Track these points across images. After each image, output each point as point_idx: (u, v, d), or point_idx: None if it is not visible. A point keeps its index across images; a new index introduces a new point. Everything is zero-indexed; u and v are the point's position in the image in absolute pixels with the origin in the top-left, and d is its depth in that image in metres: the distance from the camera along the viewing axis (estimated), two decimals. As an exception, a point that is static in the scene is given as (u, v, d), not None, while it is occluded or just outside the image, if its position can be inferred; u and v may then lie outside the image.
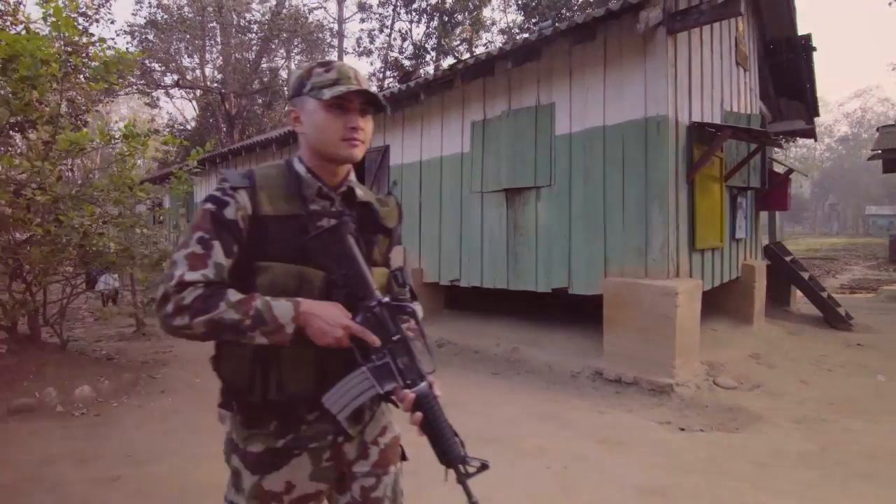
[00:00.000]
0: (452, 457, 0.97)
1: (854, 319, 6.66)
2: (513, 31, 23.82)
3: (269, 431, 1.01)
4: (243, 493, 1.03)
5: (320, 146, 1.03)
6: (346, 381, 0.97)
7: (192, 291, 0.91)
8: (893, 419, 3.33)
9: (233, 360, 1.01)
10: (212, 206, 0.98)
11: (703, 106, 4.79)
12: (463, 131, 5.66)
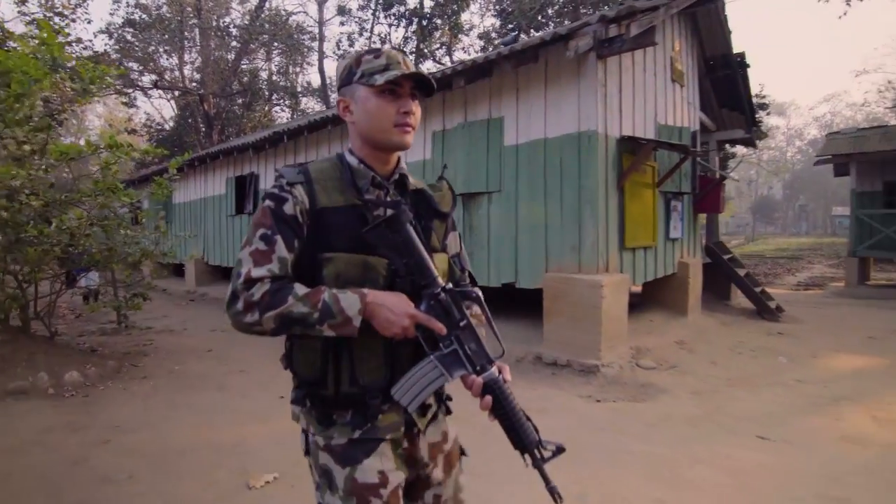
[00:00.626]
0: (528, 442, 0.97)
1: (785, 312, 7.37)
2: (491, 36, 24.47)
3: (345, 423, 1.02)
4: (338, 491, 1.00)
5: (373, 133, 1.03)
6: (415, 372, 0.98)
7: (260, 287, 0.93)
8: (775, 391, 3.95)
9: (305, 354, 1.02)
10: (271, 203, 1.00)
11: (636, 120, 5.40)
12: (425, 140, 6.18)
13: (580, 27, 4.32)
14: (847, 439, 3.01)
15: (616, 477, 2.55)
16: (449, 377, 0.98)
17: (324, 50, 24.87)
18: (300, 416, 1.08)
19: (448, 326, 0.97)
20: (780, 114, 51.48)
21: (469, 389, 0.99)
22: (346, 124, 1.08)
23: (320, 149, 7.67)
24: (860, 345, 5.52)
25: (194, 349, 5.48)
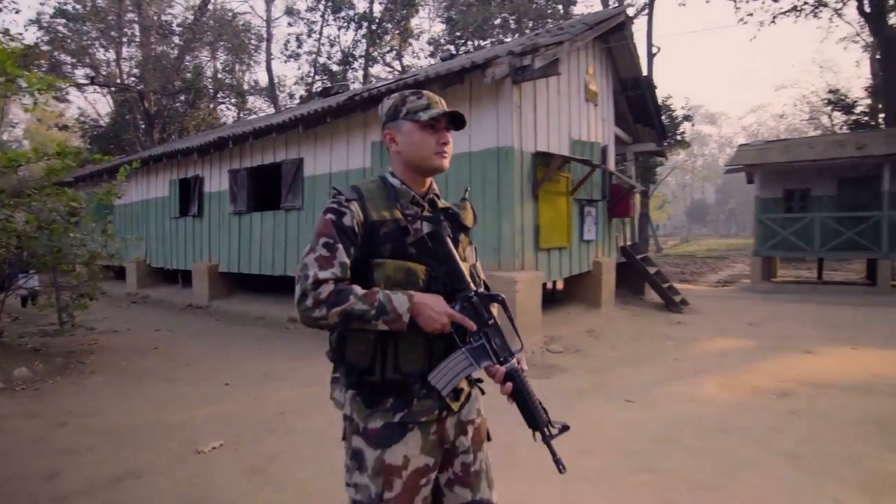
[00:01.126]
0: (539, 421, 1.16)
1: (689, 305, 8.41)
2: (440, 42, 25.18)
3: (387, 408, 1.18)
4: (366, 471, 1.16)
5: (416, 160, 1.24)
6: (448, 361, 1.16)
7: (326, 287, 1.09)
8: (654, 367, 4.77)
9: (357, 345, 1.18)
10: (332, 217, 1.17)
11: (550, 136, 6.16)
12: (365, 149, 6.71)
13: (494, 58, 4.99)
14: (693, 400, 3.81)
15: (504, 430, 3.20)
16: (477, 366, 1.15)
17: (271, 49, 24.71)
18: (345, 403, 1.24)
19: (478, 324, 1.15)
20: (712, 123, 55.30)
21: (493, 378, 1.16)
22: (290, 131, 1.59)
23: (265, 154, 8.02)
24: (738, 330, 6.53)
25: (140, 347, 5.75)
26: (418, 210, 1.25)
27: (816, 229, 11.59)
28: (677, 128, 18.96)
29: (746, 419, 3.38)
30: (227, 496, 2.44)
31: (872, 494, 2.38)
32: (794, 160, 12.06)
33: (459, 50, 24.30)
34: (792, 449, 2.89)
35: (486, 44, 22.09)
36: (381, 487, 1.15)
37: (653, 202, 40.60)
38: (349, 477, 1.20)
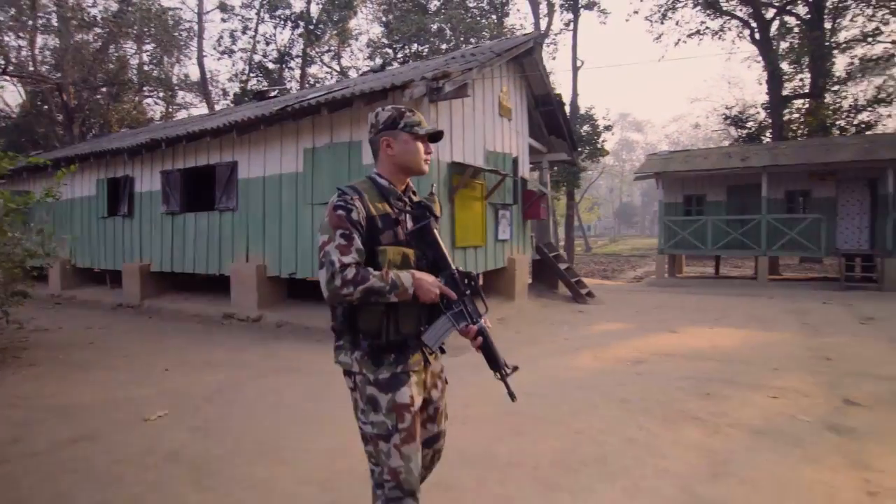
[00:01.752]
0: (498, 365, 1.55)
1: (595, 297, 9.58)
2: (379, 44, 25.65)
3: (391, 362, 1.52)
4: (381, 411, 1.50)
5: (409, 163, 1.56)
6: (436, 324, 1.53)
7: (351, 270, 1.39)
8: (547, 346, 5.70)
9: (368, 316, 1.50)
10: (343, 212, 1.46)
11: (465, 148, 7.01)
12: (298, 155, 7.25)
13: (411, 81, 5.74)
14: (568, 368, 4.75)
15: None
16: (457, 327, 1.52)
17: (204, 45, 24.16)
18: (353, 362, 1.54)
19: (457, 294, 1.52)
20: (638, 130, 59.25)
21: (467, 335, 1.52)
22: (225, 135, 2.08)
23: (199, 156, 8.34)
24: (627, 316, 7.69)
25: (74, 343, 6.00)
26: (403, 204, 1.57)
27: (709, 230, 13.29)
28: (599, 136, 20.62)
29: (602, 379, 4.34)
30: (173, 447, 3.02)
31: (669, 423, 3.34)
32: (691, 169, 13.75)
33: (398, 54, 24.94)
34: (626, 397, 3.84)
35: (423, 49, 22.89)
36: (395, 420, 1.50)
37: (583, 204, 43.11)
38: (365, 417, 1.53)
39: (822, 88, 18.72)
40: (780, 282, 13.24)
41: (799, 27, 20.33)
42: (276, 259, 7.51)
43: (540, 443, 3.02)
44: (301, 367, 4.93)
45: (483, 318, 1.57)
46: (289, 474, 2.65)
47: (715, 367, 4.69)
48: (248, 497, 2.43)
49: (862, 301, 8.90)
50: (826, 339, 5.81)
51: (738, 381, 4.19)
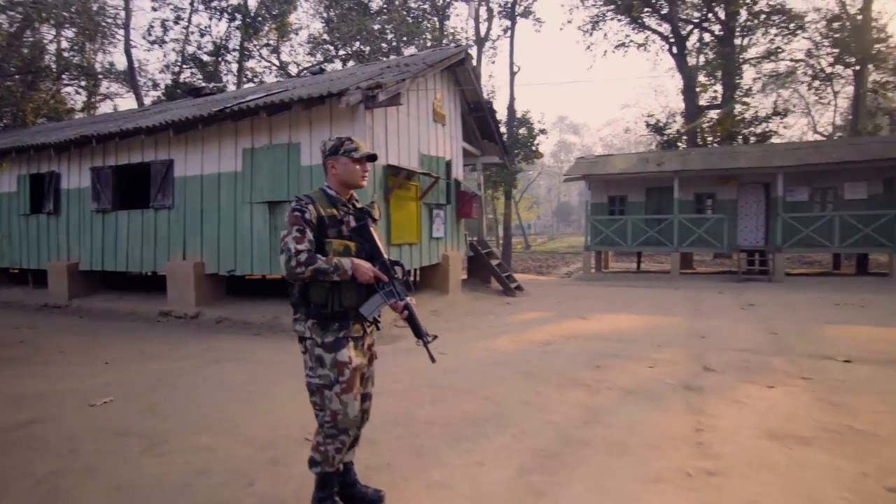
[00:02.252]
0: (421, 333, 2.03)
1: (523, 290, 10.39)
2: (319, 42, 25.53)
3: (335, 328, 2.01)
4: (326, 366, 1.99)
5: (349, 180, 2.09)
6: (372, 300, 2.03)
7: (303, 254, 1.90)
8: (472, 332, 6.34)
9: (318, 291, 1.99)
10: (298, 213, 1.97)
11: (401, 151, 7.52)
12: (236, 155, 7.48)
13: (348, 89, 6.18)
14: (487, 350, 5.39)
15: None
16: (387, 302, 2.02)
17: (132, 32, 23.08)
18: (306, 329, 2.03)
19: (388, 277, 2.03)
20: (575, 133, 62.00)
21: (396, 309, 2.02)
22: (160, 133, 2.72)
23: (132, 153, 8.33)
24: (547, 307, 8.50)
25: (3, 342, 5.98)
26: (346, 209, 2.10)
27: (629, 228, 14.55)
28: (534, 139, 21.74)
29: (513, 357, 5.02)
30: (123, 425, 3.35)
31: (560, 388, 4.02)
32: (613, 173, 14.97)
33: (339, 51, 24.98)
34: (530, 371, 4.52)
35: (366, 48, 23.09)
36: (337, 374, 2.00)
37: (523, 204, 44.72)
38: (313, 373, 2.03)
39: (731, 100, 20.77)
40: (690, 275, 14.72)
41: (713, 43, 22.41)
42: (214, 257, 7.70)
43: (454, 407, 3.61)
44: (242, 357, 5.27)
45: (409, 296, 2.05)
46: (232, 441, 3.07)
47: (610, 345, 5.50)
48: (196, 458, 2.83)
49: (751, 291, 10.24)
50: (708, 321, 6.83)
51: (625, 355, 4.99)
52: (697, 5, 21.96)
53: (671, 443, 2.92)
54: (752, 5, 20.65)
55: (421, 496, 2.39)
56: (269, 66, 25.37)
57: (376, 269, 2.03)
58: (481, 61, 23.04)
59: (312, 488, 2.17)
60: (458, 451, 2.88)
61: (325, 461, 2.08)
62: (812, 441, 2.93)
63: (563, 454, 2.81)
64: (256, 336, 6.59)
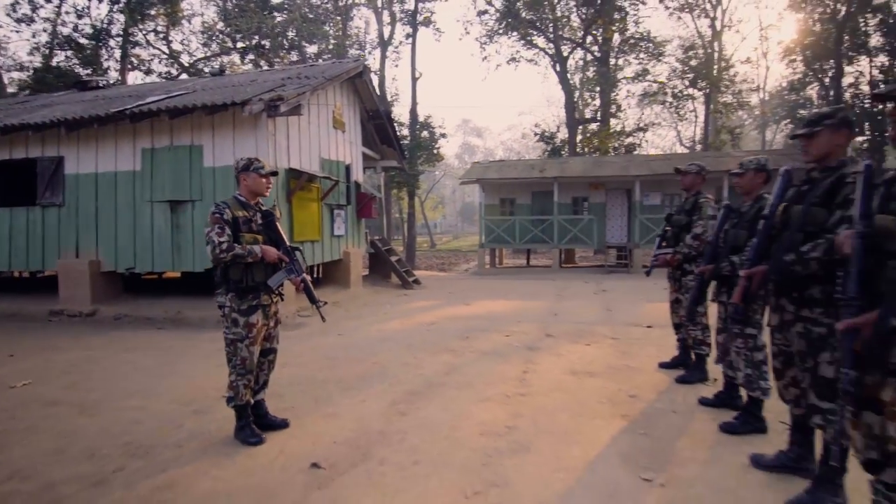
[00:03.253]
0: (314, 299, 2.95)
1: (421, 284, 11.48)
2: (215, 29, 24.72)
3: (249, 299, 2.86)
4: (239, 326, 2.82)
5: (255, 190, 2.93)
6: (276, 275, 2.90)
7: (224, 244, 2.75)
8: (367, 319, 7.26)
9: (236, 270, 2.82)
10: (218, 214, 2.80)
11: (302, 156, 8.22)
12: (135, 154, 7.69)
13: (250, 99, 6.80)
14: (379, 331, 6.35)
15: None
16: (289, 277, 2.91)
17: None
18: (226, 300, 2.85)
19: (289, 259, 2.93)
20: (478, 136, 64.91)
21: (294, 283, 2.93)
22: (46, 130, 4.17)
23: (14, 149, 8.12)
24: (439, 297, 9.66)
25: None
26: (254, 211, 2.96)
27: (518, 228, 16.30)
28: (436, 142, 23.06)
29: (401, 334, 6.04)
30: (51, 397, 3.84)
31: (433, 354, 5.08)
32: (504, 177, 16.65)
33: (237, 43, 24.42)
34: (413, 343, 5.56)
35: (265, 42, 22.88)
36: (246, 332, 2.85)
37: (428, 203, 46.23)
38: (229, 330, 2.86)
39: (607, 114, 23.67)
40: (571, 269, 16.83)
41: (592, 62, 25.29)
42: (111, 254, 7.83)
43: (346, 370, 4.52)
44: (150, 346, 5.73)
45: (304, 273, 2.97)
46: (157, 401, 3.73)
47: (481, 322, 6.73)
48: (128, 415, 3.48)
49: (611, 280, 12.24)
50: (564, 303, 8.39)
51: (491, 329, 6.23)
52: (578, 27, 24.67)
53: (503, 380, 4.11)
54: (622, 31, 23.71)
55: (317, 422, 3.30)
56: (158, 55, 24.11)
57: (280, 253, 2.90)
58: (385, 64, 23.90)
59: (233, 426, 2.99)
60: (347, 396, 3.82)
61: (237, 395, 2.93)
62: (597, 374, 4.27)
63: (425, 392, 3.86)
64: (160, 330, 6.95)
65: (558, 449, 2.82)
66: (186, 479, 2.55)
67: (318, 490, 2.43)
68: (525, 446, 2.86)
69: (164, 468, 2.68)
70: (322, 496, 2.38)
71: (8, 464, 2.75)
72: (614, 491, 2.37)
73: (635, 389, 3.85)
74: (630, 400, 3.63)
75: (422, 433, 3.07)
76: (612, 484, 2.43)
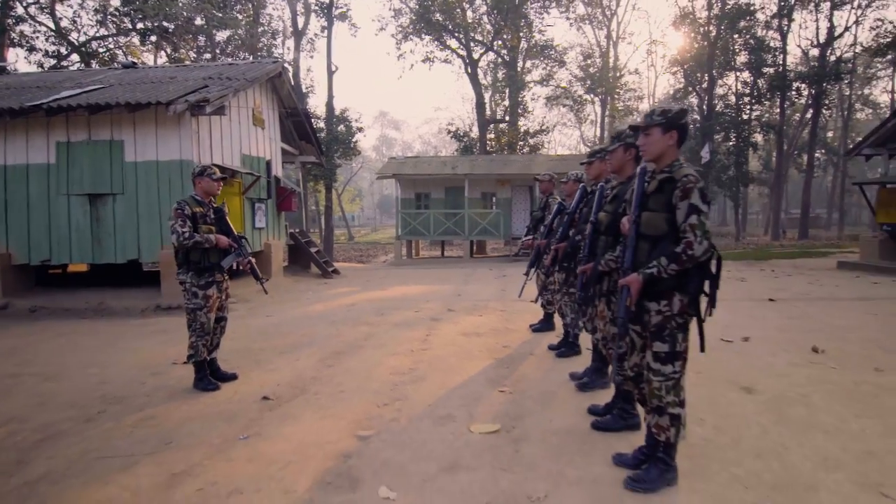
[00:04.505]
0: (258, 276, 4.00)
1: (339, 273, 12.30)
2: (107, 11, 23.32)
3: (206, 276, 3.75)
4: (198, 298, 3.73)
5: (209, 191, 3.84)
6: (227, 258, 3.82)
7: (186, 233, 3.60)
8: (294, 304, 8.06)
9: (195, 253, 3.70)
10: (179, 210, 3.66)
11: (224, 152, 8.76)
12: (48, 147, 7.82)
13: (176, 99, 7.30)
14: (304, 312, 7.21)
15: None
16: (237, 259, 3.87)
17: None
18: (187, 278, 3.73)
19: (237, 245, 3.90)
20: (396, 128, 65.56)
21: (241, 263, 3.90)
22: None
23: None
24: (357, 284, 10.60)
25: None
26: (209, 207, 3.84)
27: (432, 221, 17.52)
28: (353, 136, 23.66)
29: (323, 315, 6.95)
30: (10, 372, 4.36)
31: (352, 326, 6.07)
32: (419, 173, 17.79)
33: (136, 24, 23.20)
34: (335, 320, 6.50)
35: (170, 26, 22.04)
36: (204, 302, 3.74)
37: (346, 196, 46.31)
38: (189, 302, 3.73)
39: (515, 115, 25.60)
40: (481, 258, 18.38)
41: (501, 65, 27.13)
42: (24, 247, 7.92)
43: (279, 341, 5.40)
44: (82, 332, 6.17)
45: (249, 256, 3.91)
46: (116, 369, 4.41)
47: (395, 303, 7.82)
48: (92, 379, 4.14)
49: (512, 268, 13.82)
50: (468, 286, 9.71)
51: (402, 307, 7.34)
52: (489, 31, 26.36)
53: (409, 341, 5.23)
54: (528, 39, 25.74)
55: (261, 375, 4.20)
56: (45, 32, 22.32)
57: (230, 240, 3.81)
58: (299, 55, 24.00)
59: (190, 381, 3.83)
60: (283, 358, 4.73)
61: (196, 353, 3.79)
62: (483, 335, 5.53)
63: (347, 352, 4.88)
64: (85, 320, 7.26)
65: (444, 378, 3.99)
66: (163, 413, 3.39)
67: (270, 411, 3.39)
68: (422, 378, 4.00)
69: (141, 408, 3.48)
70: (273, 414, 3.34)
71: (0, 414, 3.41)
72: (478, 397, 3.57)
73: (508, 342, 5.14)
74: (503, 349, 4.90)
75: (345, 376, 4.11)
76: (477, 393, 3.63)
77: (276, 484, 2.42)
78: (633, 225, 2.29)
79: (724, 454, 2.62)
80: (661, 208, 2.23)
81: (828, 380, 3.77)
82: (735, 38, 26.93)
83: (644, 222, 2.28)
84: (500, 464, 2.58)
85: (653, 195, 2.28)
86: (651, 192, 2.29)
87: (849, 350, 4.61)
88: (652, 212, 2.26)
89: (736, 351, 4.63)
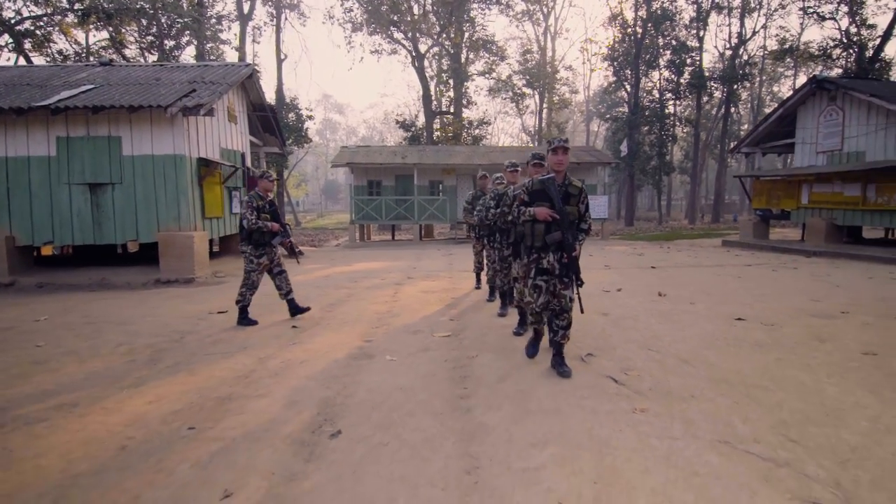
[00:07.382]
0: (295, 253, 6.06)
1: (304, 255, 13.89)
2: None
3: (259, 249, 5.53)
4: (254, 263, 5.53)
5: (266, 190, 5.58)
6: (276, 237, 5.58)
7: (254, 220, 5.34)
8: (274, 277, 9.71)
9: (257, 234, 5.44)
10: (250, 202, 5.41)
11: (208, 147, 10.17)
12: (49, 141, 8.97)
13: (174, 102, 8.69)
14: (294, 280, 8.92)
15: (170, 308, 7.43)
16: (283, 238, 5.71)
17: None
18: (247, 250, 5.54)
19: (284, 229, 5.69)
20: (340, 112, 65.84)
21: (284, 244, 5.81)
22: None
23: None
24: (326, 262, 12.30)
25: None
26: (268, 201, 5.59)
27: (383, 207, 19.26)
28: (303, 124, 24.80)
29: (307, 282, 8.69)
30: (76, 322, 5.88)
31: (331, 290, 7.88)
32: (371, 162, 19.43)
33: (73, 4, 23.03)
34: (318, 284, 8.27)
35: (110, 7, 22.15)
36: (258, 265, 5.56)
37: (291, 181, 46.73)
38: (248, 265, 5.57)
39: (460, 106, 27.57)
40: (429, 241, 20.33)
41: (447, 58, 28.94)
42: (27, 230, 9.07)
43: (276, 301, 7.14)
44: (107, 299, 7.60)
45: (291, 237, 5.78)
46: (168, 318, 6.02)
47: (363, 274, 9.67)
48: (153, 322, 5.76)
49: (458, 248, 15.92)
50: (421, 262, 11.68)
51: (370, 276, 9.20)
52: (434, 24, 28.05)
53: (383, 297, 7.15)
54: (471, 34, 27.69)
55: (277, 318, 5.98)
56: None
57: (278, 226, 5.56)
58: (245, 41, 24.71)
59: (233, 324, 5.58)
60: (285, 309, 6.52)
61: (244, 299, 5.55)
62: (436, 292, 7.52)
63: (338, 304, 6.73)
64: (93, 292, 8.61)
65: (413, 315, 5.96)
66: (226, 337, 5.14)
67: (302, 332, 5.23)
68: (397, 315, 5.95)
69: (209, 335, 5.21)
70: (304, 334, 5.18)
71: (102, 338, 5.03)
72: (436, 322, 5.56)
73: (455, 296, 7.18)
74: (452, 300, 6.92)
75: (344, 315, 6.00)
76: (435, 321, 5.63)
77: (324, 358, 4.31)
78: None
79: (582, 341, 4.76)
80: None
81: (655, 309, 6.07)
82: (658, 40, 30.13)
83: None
84: (451, 347, 4.59)
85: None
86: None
87: (682, 294, 6.99)
88: None
89: (610, 296, 6.89)
